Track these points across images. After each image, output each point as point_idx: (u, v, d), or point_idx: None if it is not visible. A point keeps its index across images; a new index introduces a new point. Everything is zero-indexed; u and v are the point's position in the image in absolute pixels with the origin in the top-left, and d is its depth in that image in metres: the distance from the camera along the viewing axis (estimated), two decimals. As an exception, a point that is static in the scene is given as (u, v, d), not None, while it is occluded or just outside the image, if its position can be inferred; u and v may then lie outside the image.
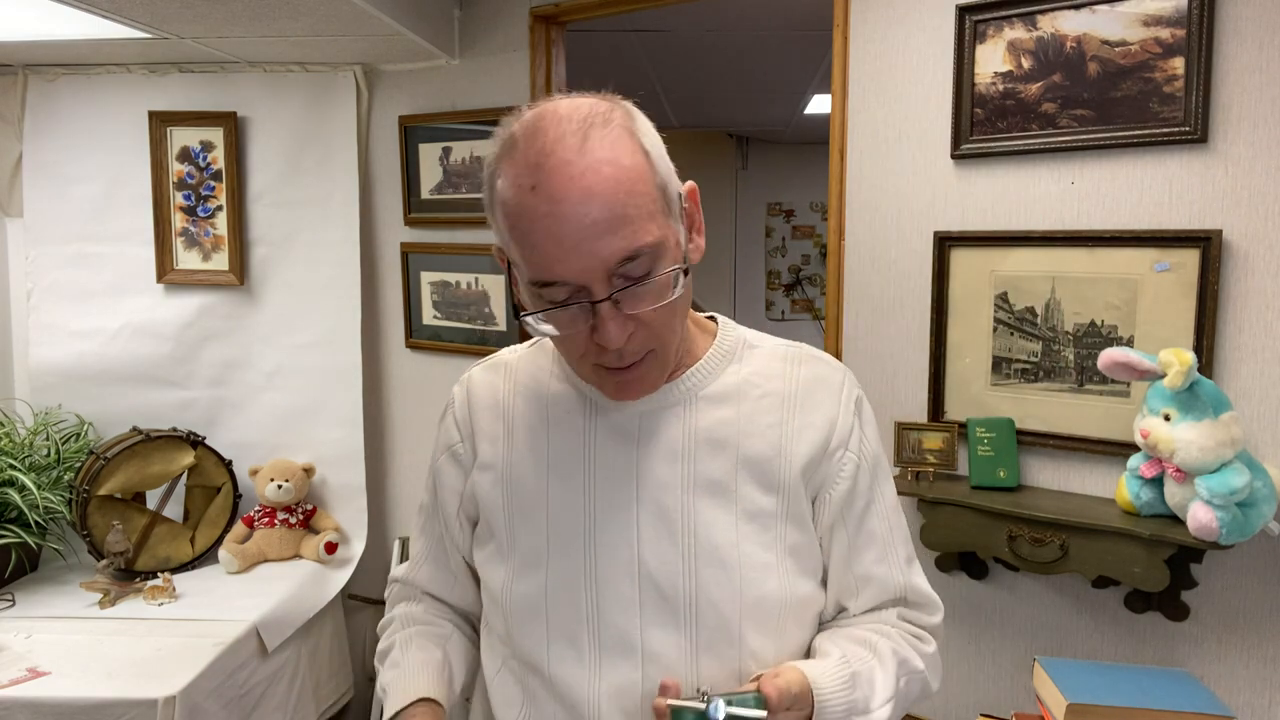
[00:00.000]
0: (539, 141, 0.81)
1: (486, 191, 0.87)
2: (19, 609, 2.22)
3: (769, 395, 0.99)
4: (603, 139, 0.81)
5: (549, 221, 0.79)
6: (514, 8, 2.47)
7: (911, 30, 1.91)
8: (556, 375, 1.03)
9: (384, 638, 1.12)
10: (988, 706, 1.93)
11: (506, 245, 0.87)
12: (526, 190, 0.81)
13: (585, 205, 0.79)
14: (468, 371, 1.10)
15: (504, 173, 0.84)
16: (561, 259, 0.80)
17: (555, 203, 0.79)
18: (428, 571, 1.13)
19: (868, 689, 0.93)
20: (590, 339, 0.85)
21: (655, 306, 0.85)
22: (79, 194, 2.69)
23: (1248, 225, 1.59)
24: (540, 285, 0.83)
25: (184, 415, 2.69)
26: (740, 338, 1.04)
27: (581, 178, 0.79)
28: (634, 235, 0.81)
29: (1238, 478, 1.47)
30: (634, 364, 0.89)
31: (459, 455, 1.06)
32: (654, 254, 0.83)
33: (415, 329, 2.76)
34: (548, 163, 0.80)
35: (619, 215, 0.80)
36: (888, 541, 1.03)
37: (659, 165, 0.86)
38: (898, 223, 1.97)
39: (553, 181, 0.79)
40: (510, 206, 0.83)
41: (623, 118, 0.85)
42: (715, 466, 0.96)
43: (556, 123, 0.82)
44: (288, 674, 2.31)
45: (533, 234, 0.81)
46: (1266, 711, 1.64)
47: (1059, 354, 1.79)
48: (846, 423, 1.00)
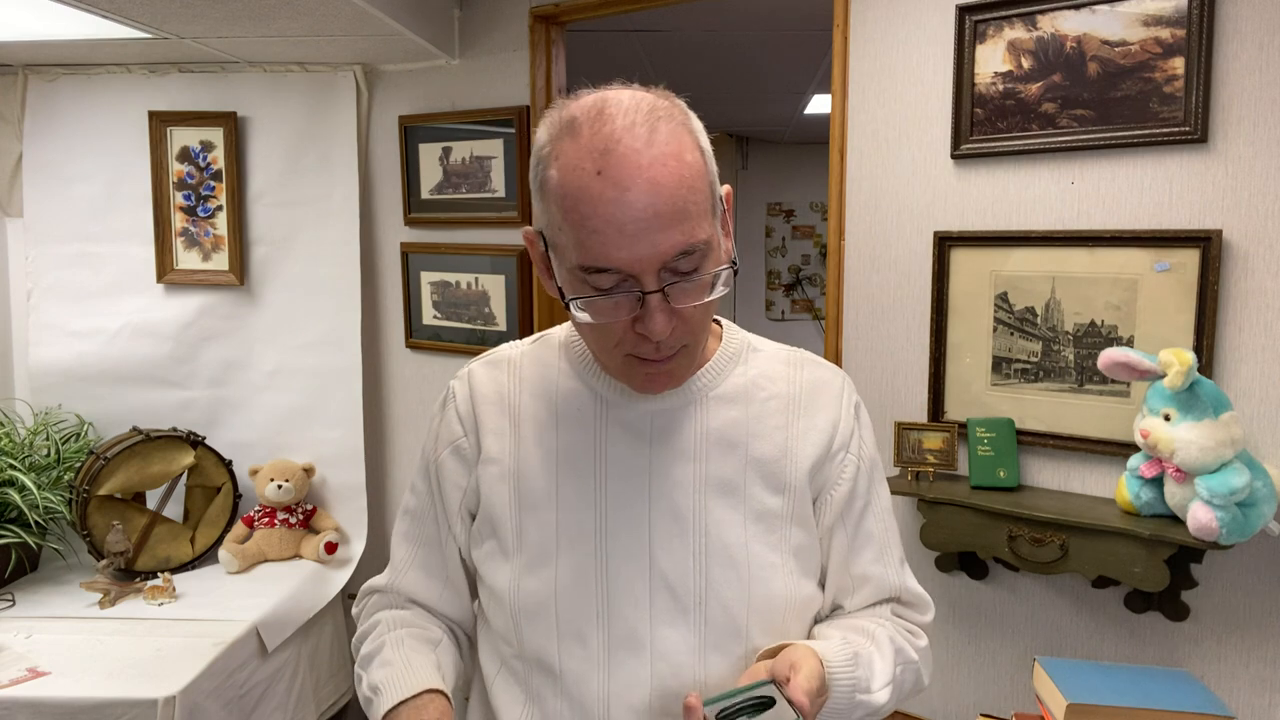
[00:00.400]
0: (606, 127, 0.81)
1: (537, 171, 0.86)
2: (19, 609, 2.22)
3: (775, 398, 1.01)
4: (669, 133, 0.82)
5: (613, 208, 0.79)
6: (514, 8, 2.47)
7: (911, 30, 1.91)
8: (566, 372, 1.02)
9: (368, 641, 1.05)
10: (988, 706, 1.93)
11: (556, 227, 0.85)
12: (591, 174, 0.80)
13: (651, 196, 0.79)
14: (466, 366, 1.08)
15: (563, 153, 0.83)
16: (621, 246, 0.80)
17: (621, 190, 0.79)
18: (414, 578, 1.08)
19: (868, 670, 0.95)
20: (630, 329, 0.86)
21: (699, 303, 0.86)
22: (79, 194, 2.69)
23: (1248, 225, 1.59)
24: (589, 271, 0.83)
25: (184, 415, 2.69)
26: (744, 340, 1.06)
27: (650, 168, 0.79)
28: (691, 230, 0.82)
29: (1238, 478, 1.47)
30: (668, 358, 0.89)
31: (463, 450, 1.03)
32: (704, 251, 0.84)
33: (415, 329, 2.76)
34: (616, 149, 0.79)
35: (680, 209, 0.80)
36: (884, 542, 1.05)
37: (711, 165, 0.87)
38: (898, 223, 1.97)
39: (620, 169, 0.79)
40: (570, 188, 0.81)
41: (682, 115, 0.86)
42: (726, 466, 0.97)
43: (623, 111, 0.82)
44: (288, 674, 2.31)
45: (593, 218, 0.80)
46: (1266, 711, 1.64)
47: (1059, 354, 1.79)
48: (848, 426, 1.02)
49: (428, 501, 1.08)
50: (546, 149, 0.85)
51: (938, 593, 1.98)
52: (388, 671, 0.97)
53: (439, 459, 1.05)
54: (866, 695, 0.93)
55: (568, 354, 1.04)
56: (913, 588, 1.06)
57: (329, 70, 2.65)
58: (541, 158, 0.86)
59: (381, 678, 0.97)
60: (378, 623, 1.07)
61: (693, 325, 0.88)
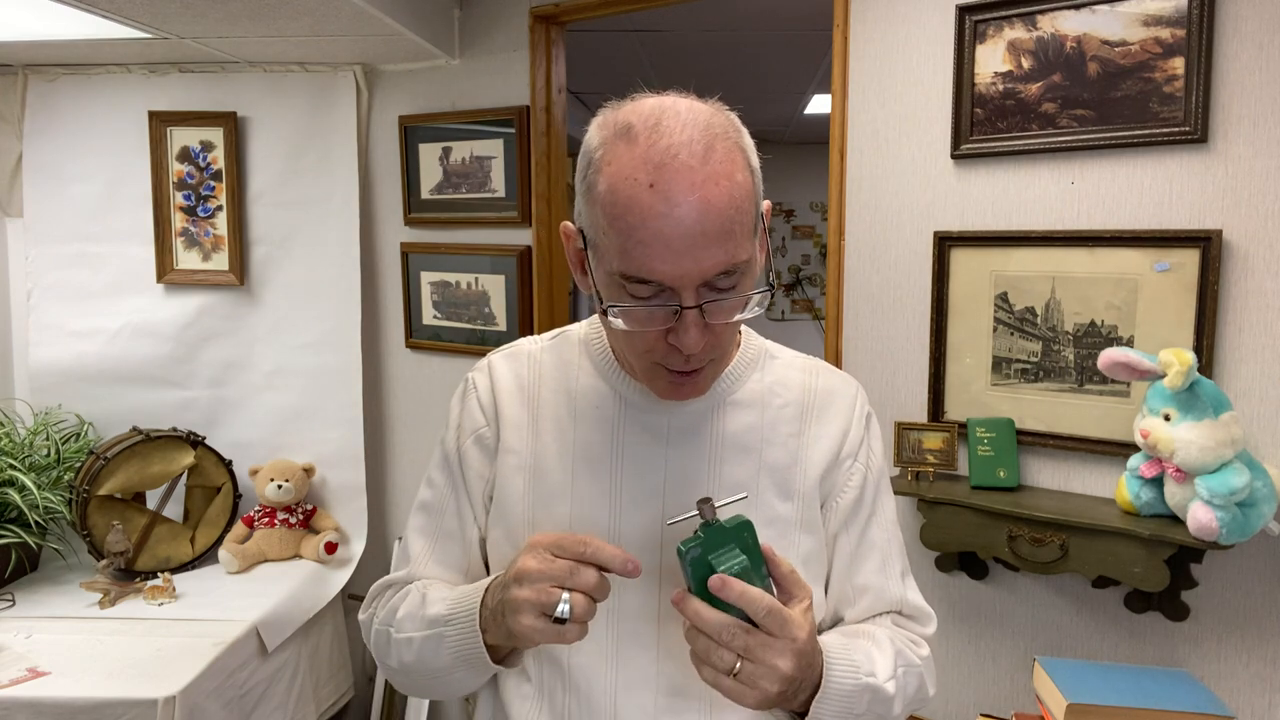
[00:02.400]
0: (663, 140, 0.81)
1: (586, 171, 0.86)
2: (19, 609, 2.22)
3: (789, 405, 1.02)
4: (724, 152, 0.82)
5: (662, 222, 0.80)
6: (514, 8, 2.47)
7: (911, 30, 1.91)
8: (586, 369, 1.03)
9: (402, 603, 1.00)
10: (988, 706, 1.93)
11: (600, 230, 0.85)
12: (644, 186, 0.80)
13: (701, 214, 0.80)
14: (485, 358, 1.08)
15: (617, 159, 0.83)
16: (665, 260, 0.81)
17: (672, 205, 0.79)
18: (434, 572, 1.06)
19: (867, 659, 0.94)
20: (662, 339, 0.86)
21: (732, 320, 0.87)
22: (79, 194, 2.69)
23: (1248, 225, 1.59)
24: (629, 279, 0.84)
25: (184, 415, 2.69)
26: (761, 346, 1.07)
27: (702, 187, 0.80)
28: (735, 251, 0.82)
29: (1238, 478, 1.47)
30: (696, 370, 0.90)
31: (485, 439, 1.03)
32: (744, 270, 0.85)
33: (415, 329, 2.76)
34: (671, 164, 0.80)
35: (726, 230, 0.81)
36: (887, 553, 1.05)
37: (758, 185, 0.88)
38: (898, 223, 1.97)
39: (674, 185, 0.80)
40: (620, 196, 0.82)
41: (736, 134, 0.86)
42: (739, 471, 0.98)
43: (681, 126, 0.82)
44: (288, 674, 2.31)
45: (640, 230, 0.81)
46: (1266, 712, 1.64)
47: (1059, 354, 1.79)
48: (857, 435, 1.03)
49: (448, 494, 1.06)
50: (599, 152, 0.85)
51: (938, 593, 1.98)
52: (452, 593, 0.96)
53: (462, 449, 1.04)
54: (873, 679, 0.92)
55: (588, 351, 1.04)
56: (914, 601, 1.06)
57: (329, 70, 2.65)
58: (593, 159, 0.85)
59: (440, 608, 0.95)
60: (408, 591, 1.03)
61: (722, 340, 0.89)
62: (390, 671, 1.03)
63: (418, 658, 0.96)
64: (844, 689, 0.89)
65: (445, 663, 0.94)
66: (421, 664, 0.96)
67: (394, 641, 0.99)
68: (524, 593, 0.83)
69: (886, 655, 0.97)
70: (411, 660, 0.97)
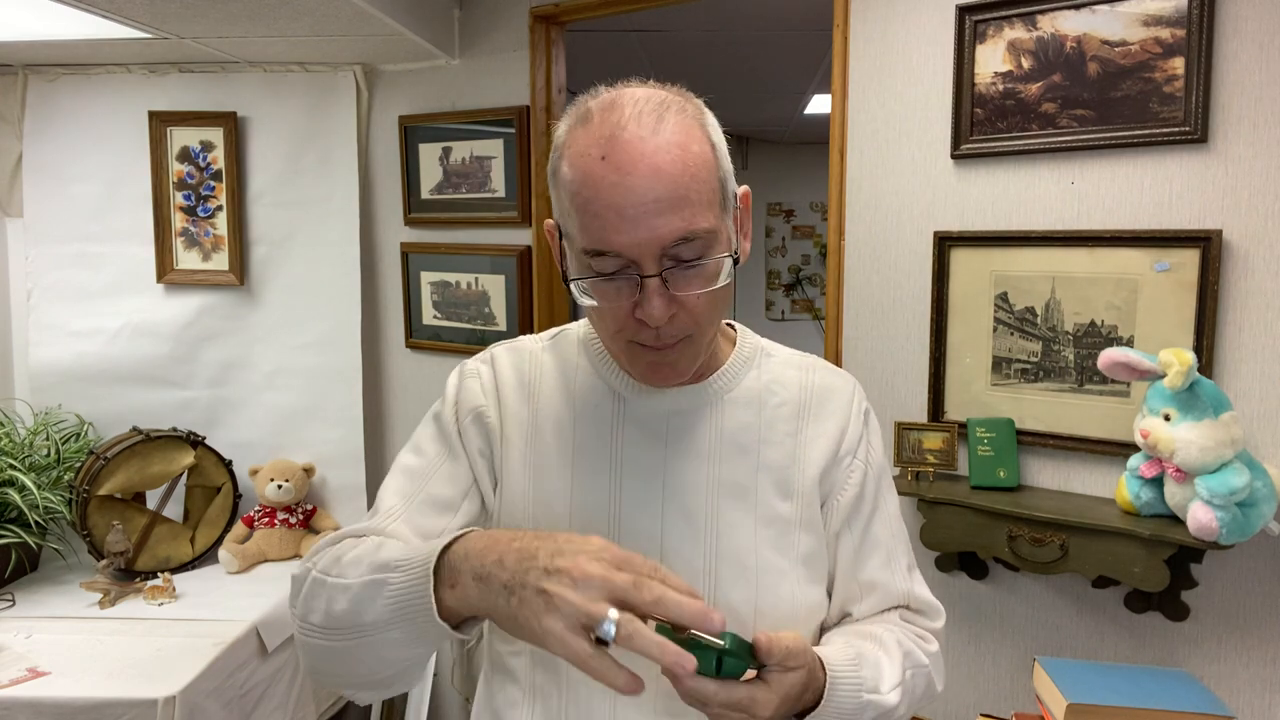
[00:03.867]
0: (614, 115, 0.83)
1: (553, 161, 0.89)
2: (19, 609, 2.22)
3: (786, 404, 1.01)
4: (677, 123, 0.84)
5: (614, 192, 0.81)
6: (514, 8, 2.47)
7: (911, 30, 1.91)
8: (585, 368, 1.03)
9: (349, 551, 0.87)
10: (988, 706, 1.93)
11: (565, 214, 0.87)
12: (596, 159, 0.82)
13: (651, 181, 0.81)
14: (489, 350, 1.07)
15: (574, 143, 0.85)
16: (619, 230, 0.82)
17: (622, 174, 0.81)
18: (401, 531, 0.96)
19: (875, 671, 0.93)
20: (631, 314, 0.86)
21: (700, 292, 0.86)
22: (79, 194, 2.69)
23: (1248, 225, 1.59)
24: (592, 254, 0.85)
25: (184, 415, 2.69)
26: (757, 344, 1.06)
27: (653, 155, 0.81)
28: (692, 218, 0.83)
29: (1238, 478, 1.47)
30: (669, 346, 0.89)
31: (487, 419, 1.01)
32: (706, 240, 0.85)
33: (415, 329, 2.76)
34: (621, 135, 0.82)
35: (681, 196, 0.82)
36: (891, 549, 1.04)
37: (722, 161, 0.89)
38: (898, 223, 1.97)
39: (623, 154, 0.81)
40: (577, 173, 0.84)
41: (695, 110, 0.88)
42: (738, 470, 0.98)
43: (634, 102, 0.84)
44: (288, 674, 2.30)
45: (595, 202, 0.82)
46: (1266, 711, 1.64)
47: (1059, 354, 1.79)
48: (856, 431, 1.03)
49: (440, 463, 1.00)
50: (561, 139, 0.88)
51: (938, 593, 1.97)
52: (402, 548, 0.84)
53: (463, 424, 1.01)
54: (875, 695, 0.92)
55: (586, 350, 1.04)
56: (921, 594, 1.06)
57: (329, 70, 2.65)
58: (557, 148, 0.88)
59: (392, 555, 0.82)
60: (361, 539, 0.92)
61: (696, 315, 0.88)
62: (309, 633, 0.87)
63: (349, 607, 0.82)
64: (843, 709, 0.89)
65: (379, 614, 0.80)
66: (351, 616, 0.81)
67: (327, 587, 0.84)
68: (569, 594, 0.71)
69: (894, 662, 0.96)
70: (341, 610, 0.82)
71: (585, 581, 0.71)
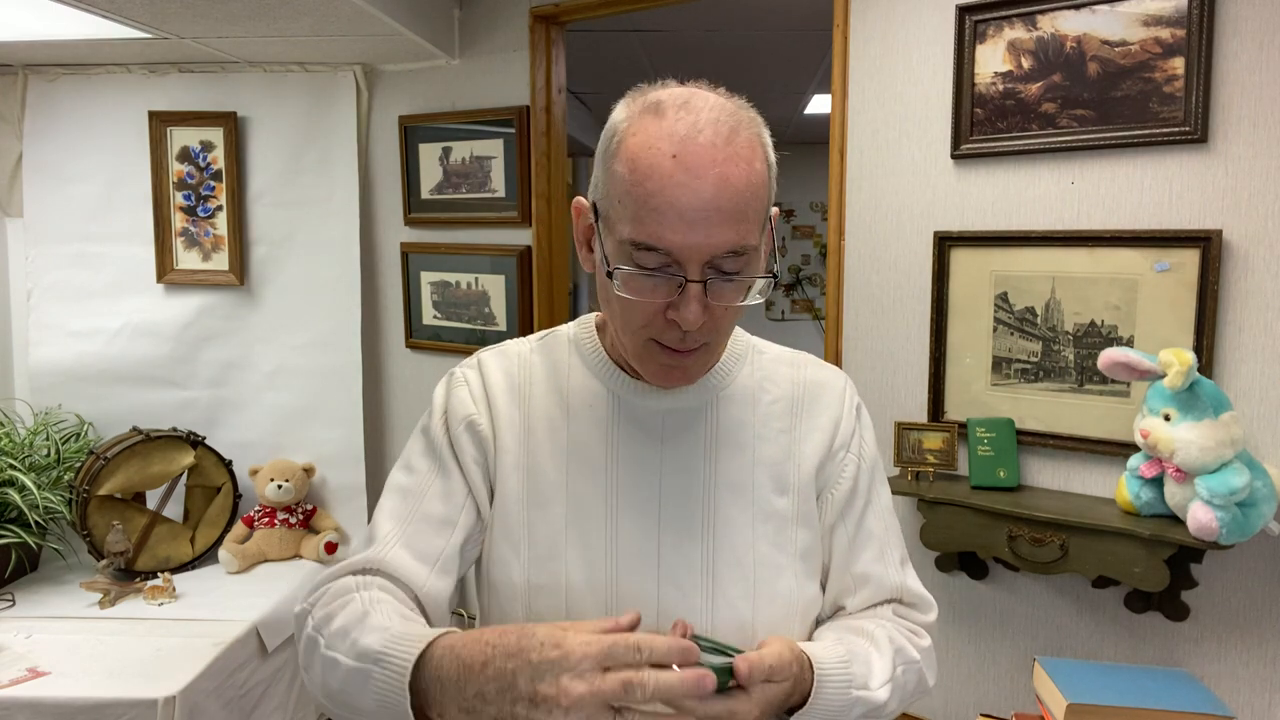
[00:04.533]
0: (690, 116, 0.84)
1: (609, 141, 0.88)
2: (19, 609, 2.22)
3: (779, 400, 1.02)
4: (747, 139, 0.85)
5: (679, 191, 0.82)
6: (514, 8, 2.47)
7: (911, 30, 1.91)
8: (577, 368, 1.03)
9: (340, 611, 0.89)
10: (988, 706, 1.93)
11: (616, 198, 0.86)
12: (666, 155, 0.83)
13: (718, 190, 0.82)
14: (475, 355, 1.06)
15: (643, 129, 0.85)
16: (678, 230, 0.82)
17: (691, 176, 0.82)
18: (400, 555, 0.95)
19: (864, 668, 0.93)
20: (661, 313, 0.87)
21: (733, 304, 0.88)
22: (79, 194, 2.69)
23: (1248, 225, 1.59)
24: (639, 247, 0.85)
25: (184, 415, 2.69)
26: (748, 342, 1.07)
27: (723, 164, 0.82)
28: (745, 233, 0.84)
29: (1238, 478, 1.47)
30: (689, 351, 0.90)
31: (479, 428, 1.00)
32: (750, 257, 0.86)
33: (415, 329, 2.76)
34: (696, 139, 0.83)
35: (740, 211, 0.83)
36: (884, 542, 1.04)
37: (773, 182, 0.90)
38: (898, 223, 1.97)
39: (695, 158, 0.82)
40: (641, 163, 0.84)
41: (759, 128, 0.89)
42: (734, 467, 0.98)
43: (709, 108, 0.85)
44: (288, 674, 2.31)
45: (657, 197, 0.82)
46: (1266, 711, 1.64)
47: (1059, 354, 1.79)
48: (849, 425, 1.03)
49: (432, 479, 1.00)
50: (624, 123, 0.87)
51: (938, 593, 1.98)
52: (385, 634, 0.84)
53: (453, 435, 1.00)
54: (865, 692, 0.92)
55: (578, 351, 1.04)
56: (914, 588, 1.06)
57: (329, 70, 2.65)
58: (618, 129, 0.88)
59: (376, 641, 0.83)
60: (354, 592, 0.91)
61: (720, 325, 0.89)
62: (312, 685, 0.90)
63: (341, 687, 0.84)
64: (831, 707, 0.89)
65: (369, 705, 0.82)
66: (344, 696, 0.84)
67: (320, 655, 0.87)
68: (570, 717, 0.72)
69: (885, 658, 0.96)
70: (336, 688, 0.85)
71: (576, 707, 0.71)
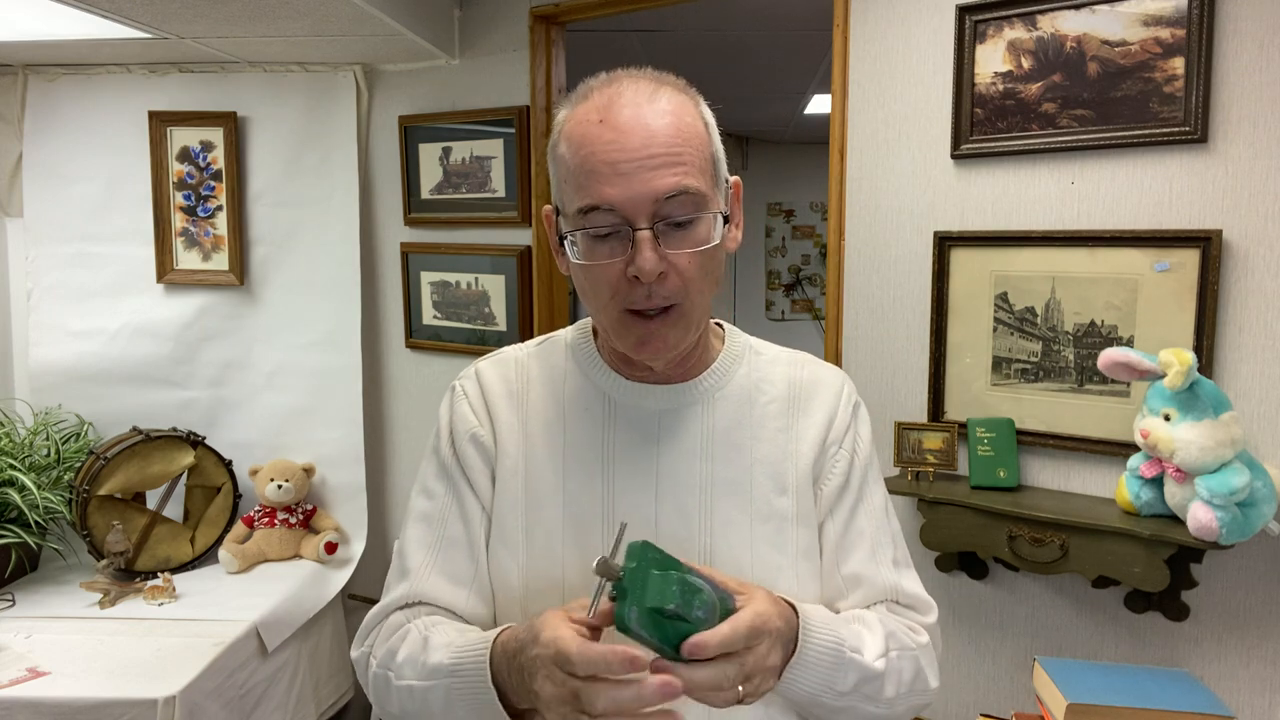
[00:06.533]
0: (612, 88, 0.89)
1: (551, 141, 0.93)
2: (19, 609, 2.22)
3: (775, 400, 1.02)
4: (671, 96, 0.89)
5: (610, 149, 0.85)
6: (514, 8, 2.47)
7: (911, 30, 1.91)
8: (573, 372, 1.03)
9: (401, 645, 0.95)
10: (988, 706, 1.93)
11: (562, 183, 0.91)
12: (594, 123, 0.87)
13: (646, 139, 0.85)
14: (472, 365, 1.07)
15: (574, 114, 0.90)
16: (614, 184, 0.85)
17: (619, 133, 0.86)
18: (437, 583, 0.99)
19: (855, 638, 0.91)
20: (624, 277, 0.88)
21: (690, 251, 0.88)
22: (79, 194, 2.69)
23: (1248, 225, 1.59)
24: (586, 211, 0.87)
25: (184, 415, 2.69)
26: (746, 343, 1.07)
27: (648, 118, 0.87)
28: (684, 175, 0.86)
29: (1238, 478, 1.47)
30: (659, 315, 0.90)
31: (482, 440, 1.01)
32: (698, 201, 0.88)
33: (415, 329, 2.76)
34: (619, 100, 0.87)
35: (674, 155, 0.86)
36: (876, 541, 1.02)
37: (714, 138, 0.93)
38: (898, 223, 1.97)
39: (619, 116, 0.86)
40: (574, 138, 0.88)
41: (689, 91, 0.93)
42: (731, 467, 0.98)
43: (631, 78, 0.90)
44: (288, 674, 2.31)
45: (591, 160, 0.86)
46: (1266, 711, 1.64)
47: (1059, 354, 1.79)
48: (843, 421, 1.03)
49: (449, 502, 1.01)
50: (561, 120, 0.92)
51: (938, 593, 1.97)
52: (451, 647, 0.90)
53: (460, 451, 1.02)
54: (858, 655, 0.88)
55: (575, 355, 1.04)
56: (909, 589, 1.03)
57: (329, 70, 2.65)
58: (557, 128, 0.92)
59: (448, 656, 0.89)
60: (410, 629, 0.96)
61: (686, 280, 0.89)
62: (390, 717, 0.97)
63: (421, 706, 0.91)
64: (823, 660, 0.86)
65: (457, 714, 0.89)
66: (426, 711, 0.91)
67: (394, 688, 0.93)
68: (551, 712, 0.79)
69: (876, 636, 0.93)
70: (415, 708, 0.92)
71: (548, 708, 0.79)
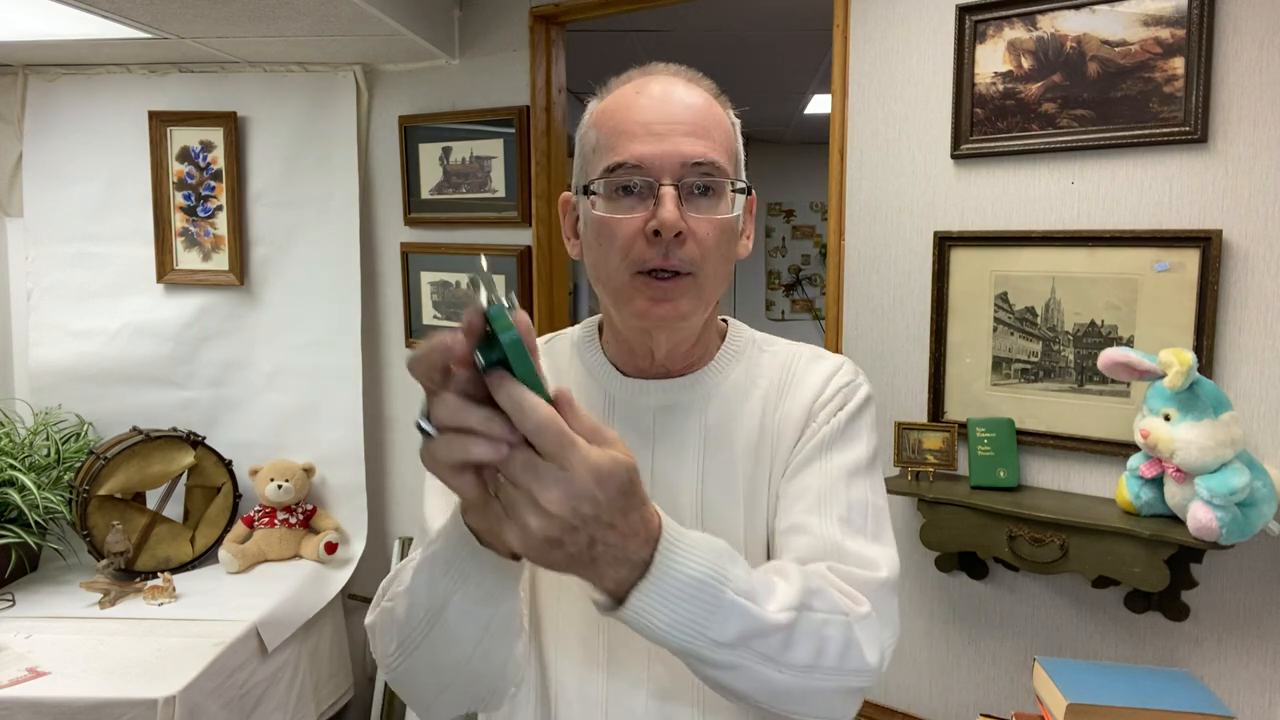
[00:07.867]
0: (649, 74, 0.95)
1: (582, 126, 0.97)
2: (19, 609, 2.22)
3: (767, 390, 1.02)
4: (703, 91, 0.95)
5: (645, 112, 0.90)
6: (514, 8, 2.47)
7: (911, 30, 1.91)
8: (577, 370, 1.04)
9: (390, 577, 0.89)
10: (988, 706, 1.92)
11: (589, 155, 0.94)
12: (631, 94, 0.92)
13: (680, 109, 0.91)
14: None
15: (611, 95, 0.95)
16: (647, 143, 0.89)
17: (654, 100, 0.91)
18: None
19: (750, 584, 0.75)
20: (641, 235, 0.89)
21: (710, 217, 0.91)
22: (79, 194, 2.69)
23: (1248, 225, 1.59)
24: (613, 169, 0.90)
25: (184, 415, 2.69)
26: (750, 339, 1.06)
27: (683, 95, 0.92)
28: (712, 149, 0.91)
29: (1238, 478, 1.47)
30: (672, 279, 0.90)
31: None
32: (720, 177, 0.91)
33: (415, 329, 2.76)
34: (656, 80, 0.94)
35: (702, 126, 0.91)
36: (823, 495, 0.93)
37: (737, 137, 0.98)
38: (898, 223, 1.97)
39: (656, 88, 0.92)
40: (610, 107, 0.93)
41: (718, 93, 0.98)
42: (725, 463, 0.98)
43: (669, 69, 0.96)
44: (288, 674, 2.31)
45: (625, 120, 0.91)
46: (1266, 711, 1.64)
47: (1059, 354, 1.79)
48: (825, 399, 0.98)
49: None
50: (593, 106, 0.96)
51: (938, 593, 1.98)
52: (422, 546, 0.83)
53: None
54: (747, 601, 0.73)
55: (580, 353, 1.05)
56: (855, 549, 0.89)
57: (329, 70, 2.65)
58: (588, 113, 0.96)
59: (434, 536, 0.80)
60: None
61: (704, 248, 0.90)
62: (394, 664, 0.87)
63: (410, 601, 0.81)
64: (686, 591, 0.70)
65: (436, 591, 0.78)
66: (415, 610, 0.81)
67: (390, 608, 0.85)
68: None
69: (791, 586, 0.78)
70: (404, 612, 0.82)
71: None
